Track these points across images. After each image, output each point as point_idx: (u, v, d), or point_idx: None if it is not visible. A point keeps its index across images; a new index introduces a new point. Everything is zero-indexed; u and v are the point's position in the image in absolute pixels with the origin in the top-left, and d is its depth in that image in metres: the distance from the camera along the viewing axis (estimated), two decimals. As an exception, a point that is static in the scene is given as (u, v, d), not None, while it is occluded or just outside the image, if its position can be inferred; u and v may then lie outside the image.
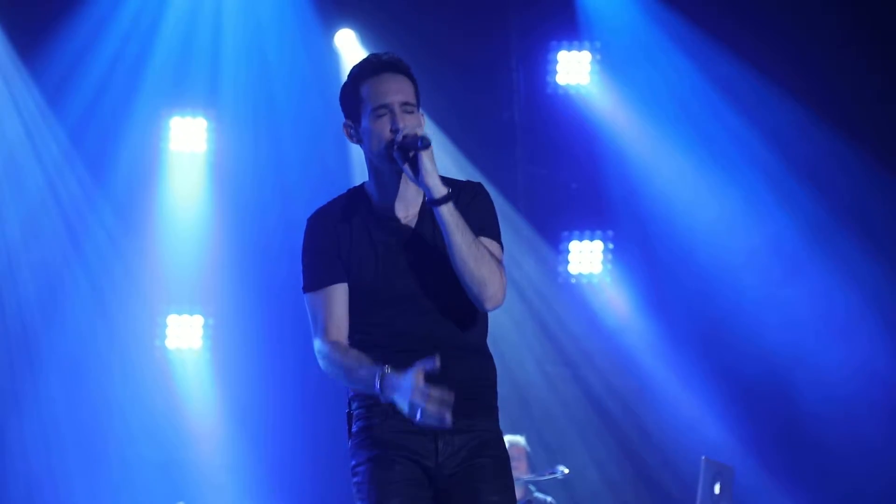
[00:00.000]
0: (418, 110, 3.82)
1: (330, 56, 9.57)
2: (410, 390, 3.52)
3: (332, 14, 9.56)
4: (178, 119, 9.51)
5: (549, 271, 9.92)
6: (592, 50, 9.83)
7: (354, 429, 3.80)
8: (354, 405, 3.81)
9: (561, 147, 9.92)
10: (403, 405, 3.55)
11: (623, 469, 9.58)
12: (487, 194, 3.89)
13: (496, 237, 3.83)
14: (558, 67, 9.82)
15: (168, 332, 9.45)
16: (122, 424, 9.19)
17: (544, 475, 7.85)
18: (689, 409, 9.55)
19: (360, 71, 3.83)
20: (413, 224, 3.81)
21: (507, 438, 8.34)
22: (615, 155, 9.86)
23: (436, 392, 3.51)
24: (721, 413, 9.48)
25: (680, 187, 9.72)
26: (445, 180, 3.76)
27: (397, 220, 3.82)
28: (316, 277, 3.80)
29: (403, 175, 3.76)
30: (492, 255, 3.73)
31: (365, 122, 3.78)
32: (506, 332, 9.73)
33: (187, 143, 9.52)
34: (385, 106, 3.75)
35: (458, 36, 9.64)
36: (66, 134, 9.20)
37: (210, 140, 9.55)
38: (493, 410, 3.85)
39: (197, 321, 9.48)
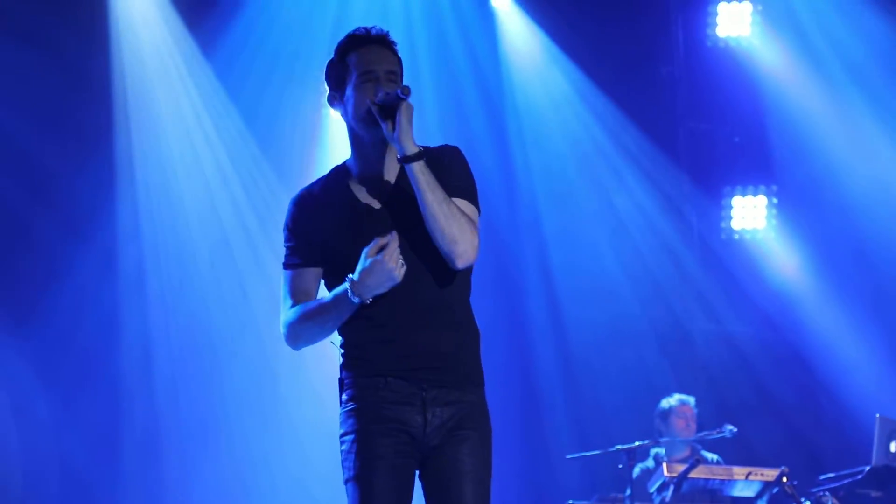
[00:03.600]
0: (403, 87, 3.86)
1: (485, 15, 9.56)
2: (373, 259, 3.70)
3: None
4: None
5: (711, 227, 9.79)
6: (754, 1, 9.63)
7: (344, 397, 3.86)
8: (345, 373, 3.88)
9: (722, 101, 9.77)
10: (379, 279, 3.71)
11: (795, 427, 9.43)
12: (463, 156, 3.94)
13: (471, 198, 3.89)
14: (718, 20, 9.68)
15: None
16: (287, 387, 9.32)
17: (712, 434, 7.78)
18: (860, 367, 9.34)
19: (347, 43, 3.91)
20: (391, 191, 3.88)
21: (678, 398, 8.37)
22: (778, 108, 9.66)
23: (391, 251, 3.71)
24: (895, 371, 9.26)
25: (849, 142, 9.46)
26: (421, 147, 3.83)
27: (377, 188, 3.89)
28: (293, 258, 3.92)
29: (383, 144, 3.85)
30: (463, 214, 3.79)
31: (349, 90, 3.87)
32: (672, 287, 9.64)
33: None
34: (371, 72, 3.84)
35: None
36: (239, 112, 9.30)
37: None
38: (479, 379, 3.90)
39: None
